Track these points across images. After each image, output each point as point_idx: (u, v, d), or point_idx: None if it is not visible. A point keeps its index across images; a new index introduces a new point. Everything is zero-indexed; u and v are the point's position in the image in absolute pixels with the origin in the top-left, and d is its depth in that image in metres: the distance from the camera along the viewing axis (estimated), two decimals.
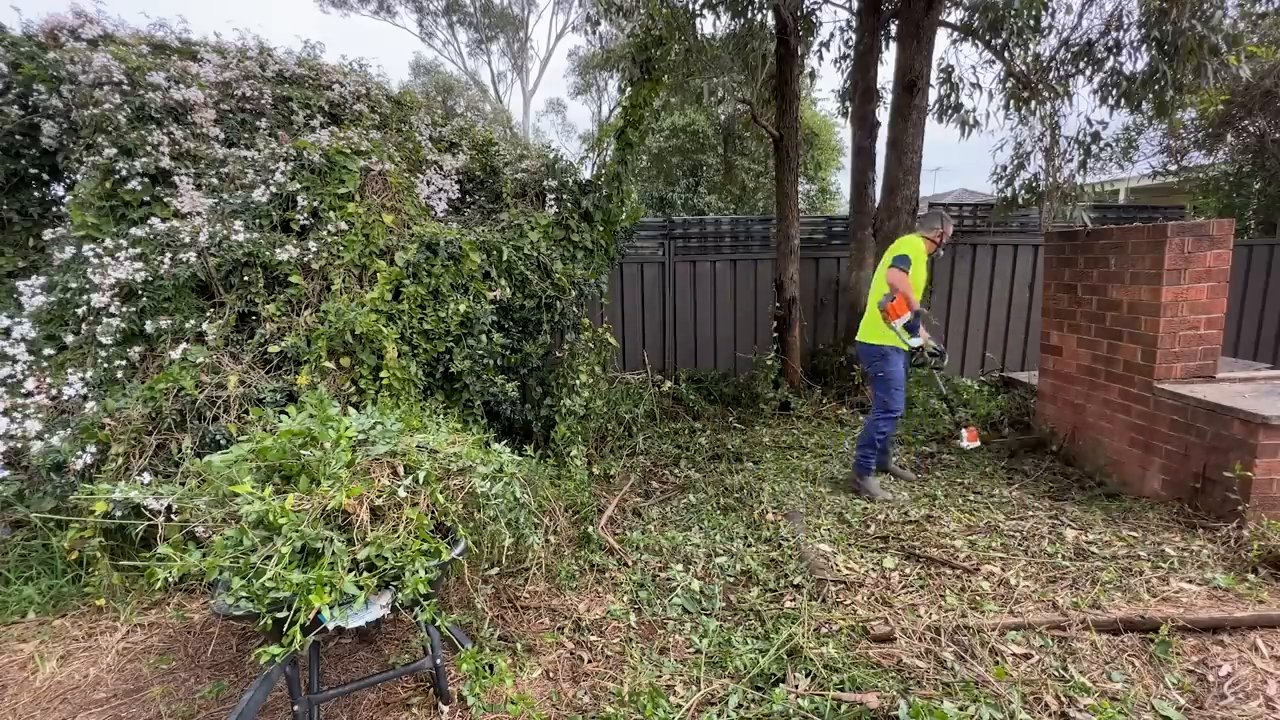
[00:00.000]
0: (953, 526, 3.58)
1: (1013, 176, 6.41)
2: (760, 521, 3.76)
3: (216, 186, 3.92)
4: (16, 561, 3.13)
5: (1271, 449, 3.23)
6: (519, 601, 3.02)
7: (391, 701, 2.40)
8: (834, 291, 7.29)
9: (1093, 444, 4.36)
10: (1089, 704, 2.20)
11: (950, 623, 2.64)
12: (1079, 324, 4.46)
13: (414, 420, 2.76)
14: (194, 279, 3.57)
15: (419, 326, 3.84)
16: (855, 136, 6.53)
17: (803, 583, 3.05)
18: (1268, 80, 7.56)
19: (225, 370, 3.41)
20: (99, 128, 3.76)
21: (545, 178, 4.68)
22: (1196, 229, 3.71)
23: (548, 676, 2.51)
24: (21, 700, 2.45)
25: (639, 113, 4.56)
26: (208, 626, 2.90)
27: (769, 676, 2.41)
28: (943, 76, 6.60)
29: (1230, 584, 2.87)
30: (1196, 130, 9.40)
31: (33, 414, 3.25)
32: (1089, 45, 5.74)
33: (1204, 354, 3.82)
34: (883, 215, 5.97)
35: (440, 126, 5.42)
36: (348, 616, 1.91)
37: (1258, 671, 2.36)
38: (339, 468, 2.18)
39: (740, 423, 5.98)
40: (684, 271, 7.07)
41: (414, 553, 2.05)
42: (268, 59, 4.77)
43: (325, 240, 3.69)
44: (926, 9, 5.51)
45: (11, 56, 4.09)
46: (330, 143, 3.90)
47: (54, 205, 4.33)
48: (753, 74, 7.26)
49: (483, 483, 2.41)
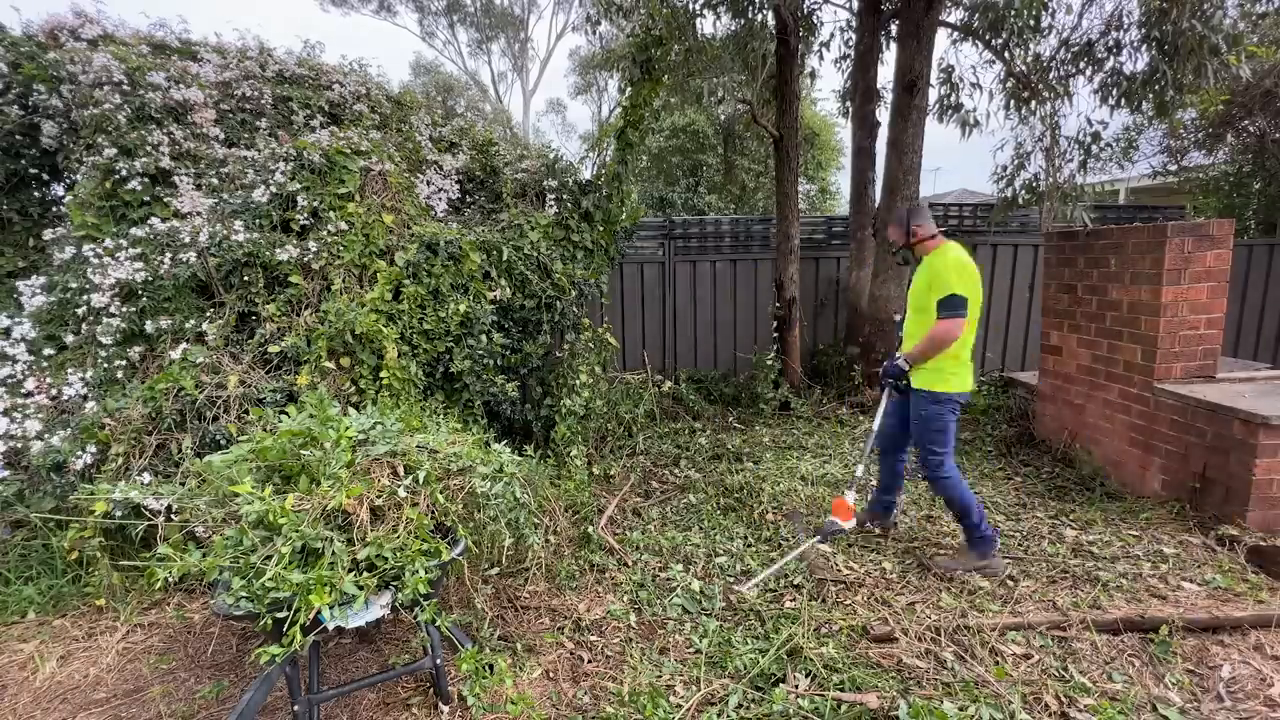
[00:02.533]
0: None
1: (1013, 176, 6.41)
2: (760, 521, 3.76)
3: (216, 186, 3.92)
4: (16, 561, 3.13)
5: (1271, 449, 3.23)
6: (519, 601, 3.01)
7: (391, 701, 2.40)
8: (834, 291, 7.29)
9: (1093, 444, 4.36)
10: (1089, 704, 2.20)
11: (950, 622, 2.64)
12: (1079, 324, 4.46)
13: (414, 420, 2.76)
14: (194, 279, 3.57)
15: (419, 326, 3.84)
16: (855, 136, 6.53)
17: (803, 583, 3.05)
18: (1268, 80, 7.56)
19: (225, 370, 3.41)
20: (99, 128, 3.76)
21: (545, 178, 4.68)
22: (1196, 229, 3.71)
23: (548, 676, 2.51)
24: (21, 700, 2.45)
25: (639, 113, 4.56)
26: (208, 626, 2.90)
27: (769, 676, 2.41)
28: (943, 76, 6.60)
29: (1230, 584, 2.87)
30: (1196, 130, 9.39)
31: (33, 414, 3.25)
32: (1089, 45, 5.74)
33: (1204, 354, 3.82)
34: (883, 215, 5.97)
35: (440, 126, 5.42)
36: (347, 616, 1.91)
37: (1258, 671, 2.36)
38: (339, 468, 2.18)
39: (740, 423, 5.98)
40: (684, 271, 7.07)
41: (414, 553, 2.05)
42: (268, 59, 4.77)
43: (325, 240, 3.69)
44: (926, 9, 5.51)
45: (11, 56, 4.09)
46: (330, 143, 3.90)
47: (54, 205, 4.33)
48: (753, 74, 7.26)
49: (483, 483, 2.41)
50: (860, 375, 6.21)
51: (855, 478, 3.42)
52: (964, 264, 3.00)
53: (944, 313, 2.97)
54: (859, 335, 6.35)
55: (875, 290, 6.13)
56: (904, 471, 3.52)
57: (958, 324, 2.95)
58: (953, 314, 2.94)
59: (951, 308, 2.94)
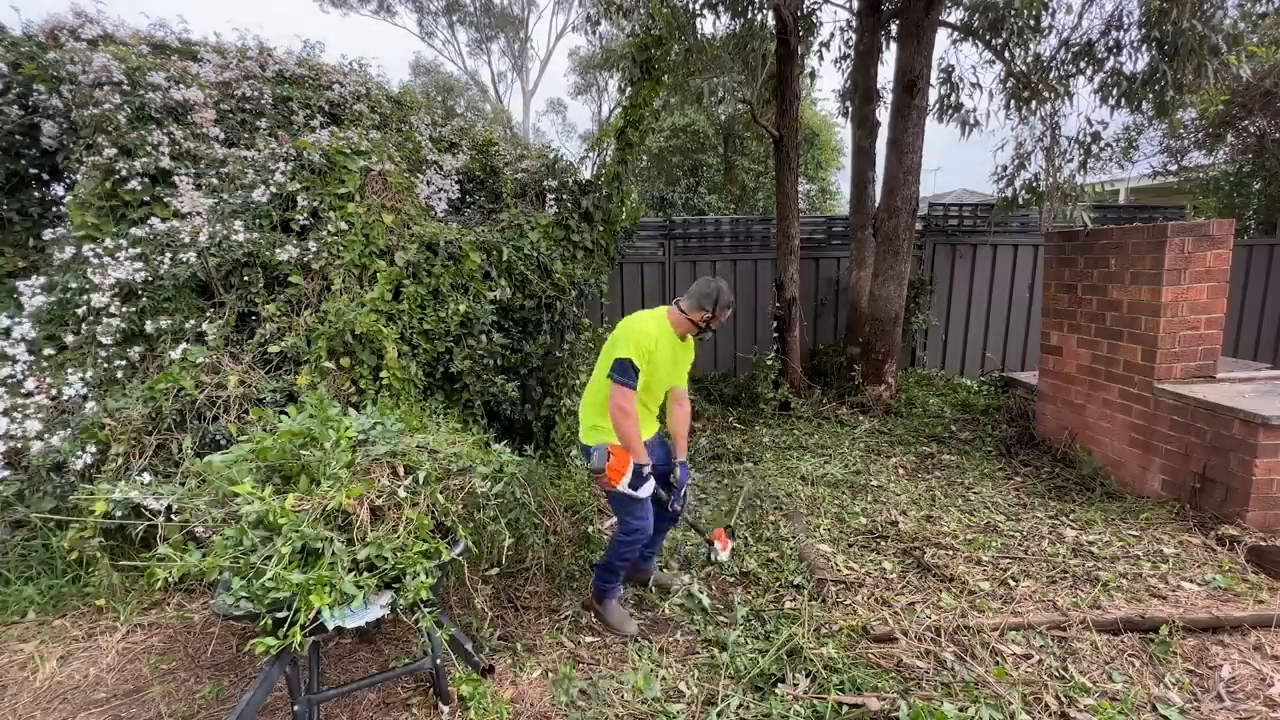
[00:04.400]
0: (952, 526, 3.58)
1: (1013, 176, 6.41)
2: (760, 521, 3.76)
3: (216, 186, 3.92)
4: (16, 561, 3.13)
5: (1271, 449, 3.23)
6: (519, 601, 3.02)
7: (391, 702, 2.40)
8: (834, 291, 7.29)
9: (1093, 444, 4.36)
10: (1089, 704, 2.20)
11: (950, 623, 2.64)
12: (1079, 324, 4.46)
13: (414, 420, 2.76)
14: (194, 279, 3.57)
15: (419, 326, 3.84)
16: (855, 136, 6.53)
17: (803, 583, 3.05)
18: (1268, 80, 7.56)
19: (225, 370, 3.41)
20: (99, 128, 3.76)
21: (545, 178, 4.68)
22: (1196, 229, 3.71)
23: (547, 676, 2.51)
24: (21, 700, 2.45)
25: (639, 113, 4.56)
26: (208, 626, 2.90)
27: (769, 677, 2.41)
28: (943, 76, 6.60)
29: (1230, 584, 2.87)
30: (1196, 130, 9.39)
31: (33, 414, 3.25)
32: (1089, 45, 5.73)
33: (1204, 354, 3.82)
34: (883, 215, 5.97)
35: (440, 126, 5.42)
36: (346, 616, 1.91)
37: (1258, 671, 2.36)
38: (339, 468, 2.18)
39: (740, 423, 5.98)
40: (684, 271, 7.07)
41: (415, 555, 2.05)
42: (268, 59, 4.77)
43: (325, 240, 3.69)
44: (926, 9, 5.51)
45: (11, 56, 4.09)
46: (330, 143, 3.90)
47: (54, 205, 4.33)
48: (753, 74, 7.26)
49: (483, 483, 2.41)
50: (860, 375, 6.21)
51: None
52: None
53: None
54: (859, 335, 6.35)
55: (875, 290, 6.13)
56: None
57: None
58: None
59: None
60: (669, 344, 2.78)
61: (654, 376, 2.75)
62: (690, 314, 2.74)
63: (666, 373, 2.82)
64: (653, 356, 2.68)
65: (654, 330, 2.70)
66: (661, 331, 2.74)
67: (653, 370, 2.71)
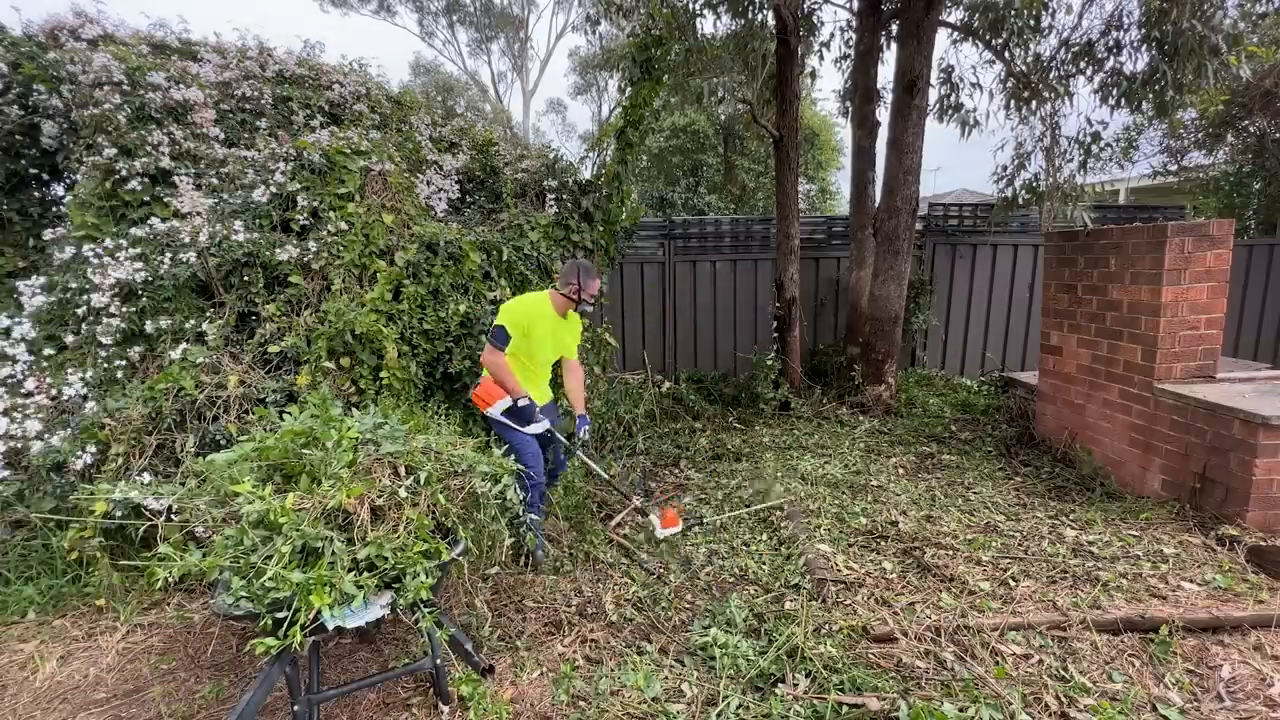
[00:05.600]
0: (952, 526, 3.58)
1: (1013, 176, 6.41)
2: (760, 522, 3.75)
3: (216, 186, 3.92)
4: (16, 561, 3.13)
5: (1271, 449, 3.22)
6: (519, 601, 3.01)
7: (391, 702, 2.40)
8: (834, 291, 7.29)
9: (1093, 444, 4.36)
10: (1089, 704, 2.20)
11: (950, 623, 2.64)
12: (1079, 324, 4.46)
13: (416, 420, 2.76)
14: (194, 279, 3.57)
15: (419, 326, 3.84)
16: (855, 136, 6.53)
17: (802, 583, 3.05)
18: (1268, 80, 7.56)
19: (225, 370, 3.41)
20: (99, 128, 3.76)
21: (545, 178, 4.68)
22: (1196, 229, 3.71)
23: (547, 676, 2.51)
24: (21, 700, 2.45)
25: (639, 113, 4.56)
26: (208, 626, 2.90)
27: (769, 677, 2.41)
28: (943, 76, 6.60)
29: (1230, 584, 2.87)
30: (1196, 130, 9.39)
31: (33, 414, 3.25)
32: (1089, 45, 5.74)
33: (1204, 354, 3.82)
34: (883, 215, 5.97)
35: (440, 126, 5.42)
36: (347, 616, 1.91)
37: (1258, 671, 2.36)
38: (340, 468, 2.18)
39: (740, 423, 5.98)
40: (684, 271, 7.07)
41: (415, 555, 2.05)
42: (268, 59, 4.77)
43: (325, 240, 3.69)
44: (926, 9, 5.51)
45: (11, 56, 4.09)
46: (330, 143, 3.90)
47: (54, 205, 4.33)
48: (753, 74, 7.26)
49: (483, 483, 2.41)
50: (860, 375, 6.21)
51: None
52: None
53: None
54: (859, 335, 6.35)
55: (875, 290, 6.12)
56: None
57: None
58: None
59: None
60: (550, 320, 3.25)
61: (535, 345, 3.22)
62: (562, 290, 3.25)
63: (548, 344, 3.29)
64: (528, 329, 3.15)
65: (532, 307, 3.21)
66: (541, 309, 3.23)
67: (530, 340, 3.19)
